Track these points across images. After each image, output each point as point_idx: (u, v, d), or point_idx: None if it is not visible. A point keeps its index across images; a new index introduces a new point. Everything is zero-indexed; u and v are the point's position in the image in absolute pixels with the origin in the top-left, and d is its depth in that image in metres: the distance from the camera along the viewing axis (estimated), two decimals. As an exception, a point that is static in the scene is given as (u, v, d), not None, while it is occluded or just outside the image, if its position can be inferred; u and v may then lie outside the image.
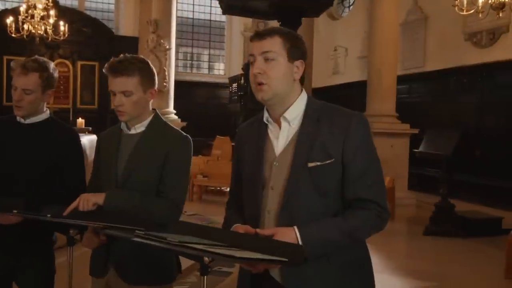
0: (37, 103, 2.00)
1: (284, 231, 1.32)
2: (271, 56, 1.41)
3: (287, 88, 1.45)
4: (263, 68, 1.42)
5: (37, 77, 1.97)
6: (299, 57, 1.45)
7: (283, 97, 1.45)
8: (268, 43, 1.42)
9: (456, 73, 8.99)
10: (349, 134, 1.40)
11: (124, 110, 1.75)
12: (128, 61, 1.74)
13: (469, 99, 8.72)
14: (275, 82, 1.41)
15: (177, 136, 1.83)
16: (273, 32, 1.44)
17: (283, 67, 1.42)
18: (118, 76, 1.72)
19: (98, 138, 1.95)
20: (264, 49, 1.42)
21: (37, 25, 9.32)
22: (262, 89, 1.42)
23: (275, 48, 1.41)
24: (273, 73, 1.41)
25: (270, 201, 1.44)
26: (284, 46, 1.42)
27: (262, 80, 1.42)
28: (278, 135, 1.47)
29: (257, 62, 1.43)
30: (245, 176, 1.53)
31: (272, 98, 1.44)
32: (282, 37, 1.43)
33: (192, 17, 14.78)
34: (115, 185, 1.77)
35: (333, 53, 13.27)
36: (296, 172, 1.40)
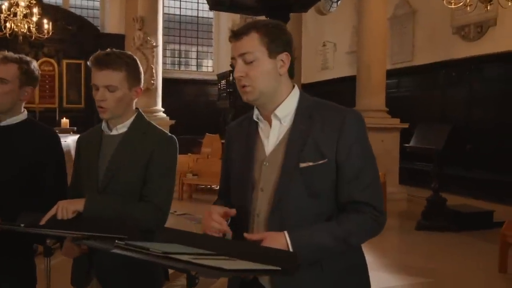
0: (12, 98, 1.88)
1: (274, 236, 1.24)
2: (249, 58, 1.33)
3: (274, 85, 1.37)
4: (244, 70, 1.34)
5: (16, 68, 1.88)
6: (282, 49, 1.36)
7: (271, 95, 1.37)
8: (244, 43, 1.33)
9: (445, 67, 8.98)
10: (343, 132, 1.32)
11: (106, 106, 1.65)
12: (116, 55, 1.66)
13: (458, 93, 8.72)
14: (259, 82, 1.33)
15: (161, 136, 1.74)
16: (249, 28, 1.34)
17: (265, 65, 1.34)
18: (103, 69, 1.62)
19: (78, 140, 1.85)
20: (241, 50, 1.33)
21: (20, 23, 9.14)
22: (246, 91, 1.35)
23: (252, 48, 1.33)
24: (254, 74, 1.33)
25: (259, 203, 1.36)
26: (262, 42, 1.33)
27: (245, 82, 1.34)
28: (268, 134, 1.39)
29: (237, 65, 1.35)
30: (233, 176, 1.45)
31: (259, 98, 1.36)
32: (259, 33, 1.33)
33: (179, 14, 14.63)
34: (96, 189, 1.68)
35: (322, 49, 13.20)
36: (287, 172, 1.32)
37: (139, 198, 1.69)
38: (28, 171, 1.86)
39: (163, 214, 1.69)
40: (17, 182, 1.85)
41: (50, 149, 1.95)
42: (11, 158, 1.86)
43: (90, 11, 13.46)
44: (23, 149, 1.88)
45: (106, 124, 1.76)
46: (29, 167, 1.86)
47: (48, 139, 1.97)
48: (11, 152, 1.87)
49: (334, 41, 12.90)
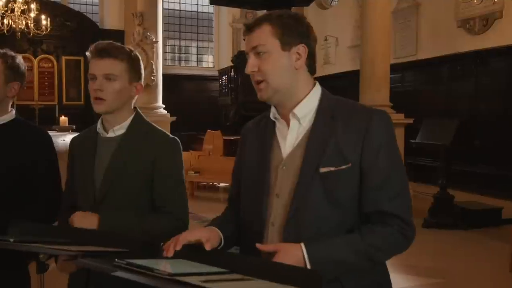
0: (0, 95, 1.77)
1: (289, 248, 1.12)
2: (261, 49, 1.23)
3: (290, 81, 1.25)
4: (255, 64, 1.24)
5: (0, 63, 1.77)
6: (298, 41, 1.25)
7: (288, 92, 1.26)
8: (256, 35, 1.24)
9: (449, 61, 8.84)
10: (369, 134, 1.20)
11: (103, 96, 1.51)
12: (118, 45, 1.56)
13: (463, 87, 8.58)
14: (272, 77, 1.23)
15: (164, 139, 1.61)
16: (261, 20, 1.25)
17: (278, 59, 1.23)
18: (104, 57, 1.51)
19: (71, 143, 1.71)
20: (253, 43, 1.24)
21: (18, 20, 9.00)
22: (260, 88, 1.24)
23: (264, 40, 1.23)
24: (266, 67, 1.23)
25: (274, 210, 1.24)
26: (275, 33, 1.23)
27: (258, 77, 1.24)
28: (286, 135, 1.28)
29: (249, 60, 1.25)
30: (247, 180, 1.34)
31: (273, 96, 1.25)
32: (271, 24, 1.24)
33: (179, 9, 14.45)
34: (93, 197, 1.54)
35: (324, 43, 13.05)
36: (305, 178, 1.20)
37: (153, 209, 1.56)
38: (18, 174, 1.75)
39: (184, 224, 1.56)
40: (7, 185, 1.73)
41: (43, 151, 1.82)
42: (3, 164, 1.73)
43: (89, 7, 13.29)
44: (13, 150, 1.76)
45: (101, 125, 1.62)
46: (20, 170, 1.75)
47: (39, 139, 1.84)
48: (2, 157, 1.74)
49: (336, 36, 12.75)
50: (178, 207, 1.56)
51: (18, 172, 1.75)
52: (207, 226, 1.28)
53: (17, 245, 1.17)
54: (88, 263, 1.02)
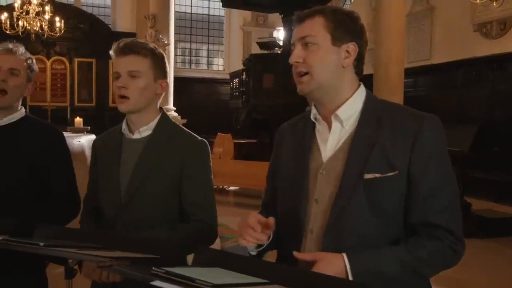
0: (20, 93, 1.75)
1: (330, 258, 1.06)
2: (309, 40, 1.17)
3: (335, 78, 1.19)
4: (301, 55, 1.17)
5: (24, 61, 1.75)
6: (349, 38, 1.18)
7: (331, 90, 1.19)
8: (307, 25, 1.18)
9: (464, 65, 8.73)
10: (419, 141, 1.13)
11: (127, 94, 1.45)
12: (142, 42, 1.51)
13: (478, 92, 8.46)
14: (317, 71, 1.16)
15: (192, 141, 1.54)
16: (315, 12, 1.19)
17: (326, 53, 1.17)
18: (127, 54, 1.46)
19: (94, 144, 1.66)
20: (302, 33, 1.18)
21: (33, 22, 9.05)
22: (302, 81, 1.18)
23: (315, 31, 1.17)
24: (313, 60, 1.16)
25: (313, 217, 1.18)
26: (327, 27, 1.17)
27: (301, 69, 1.17)
28: (327, 137, 1.21)
29: (295, 50, 1.18)
30: (283, 184, 1.27)
31: (315, 90, 1.18)
32: (325, 17, 1.18)
33: (190, 12, 14.47)
34: (118, 201, 1.48)
35: (335, 47, 12.99)
36: (348, 184, 1.13)
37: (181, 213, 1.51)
38: (31, 172, 1.70)
39: (214, 230, 1.51)
40: (20, 184, 1.69)
41: (56, 147, 1.78)
42: (14, 159, 1.70)
43: (102, 9, 13.35)
44: (26, 148, 1.72)
45: (127, 126, 1.56)
46: (32, 168, 1.70)
47: (52, 136, 1.80)
48: (14, 153, 1.70)
49: (348, 40, 12.67)
50: (207, 212, 1.51)
51: (30, 170, 1.70)
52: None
53: (47, 249, 1.12)
54: (124, 271, 0.96)
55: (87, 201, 1.64)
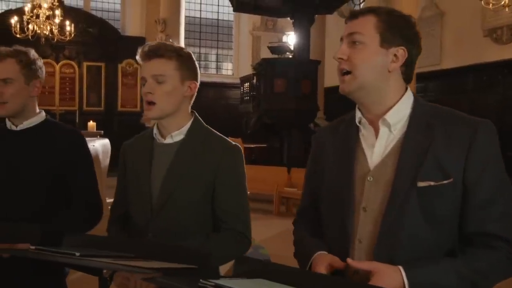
0: (22, 97, 1.67)
1: (386, 271, 1.03)
2: (357, 38, 1.14)
3: (379, 81, 1.16)
4: (346, 52, 1.15)
5: (14, 63, 1.65)
6: (400, 42, 1.15)
7: (374, 92, 1.16)
8: (357, 22, 1.15)
9: (475, 71, 8.69)
10: (474, 148, 1.10)
11: (154, 100, 1.41)
12: (166, 44, 1.47)
13: (488, 98, 8.42)
14: (361, 70, 1.13)
15: (226, 146, 1.50)
16: (369, 10, 1.17)
17: (373, 54, 1.14)
18: (152, 58, 1.42)
19: (122, 149, 1.61)
20: (351, 30, 1.15)
21: (43, 25, 9.08)
22: (344, 80, 1.15)
23: (364, 29, 1.14)
24: (357, 59, 1.13)
25: (361, 226, 1.14)
26: (378, 27, 1.14)
27: (344, 66, 1.14)
28: (373, 143, 1.18)
29: (341, 46, 1.16)
30: (327, 192, 1.23)
31: (357, 91, 1.15)
32: (377, 17, 1.15)
33: (199, 17, 14.50)
34: (150, 208, 1.44)
35: (344, 52, 12.96)
36: (400, 192, 1.10)
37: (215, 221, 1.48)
38: (53, 178, 1.67)
39: (248, 239, 1.47)
40: (42, 190, 1.66)
41: (78, 152, 1.74)
42: (34, 166, 1.66)
43: (111, 14, 13.40)
44: (47, 153, 1.67)
45: (158, 131, 1.51)
46: (54, 174, 1.67)
47: (74, 140, 1.75)
48: (33, 159, 1.67)
49: (356, 44, 12.65)
50: (241, 221, 1.47)
51: (52, 177, 1.67)
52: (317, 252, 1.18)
53: (83, 260, 1.08)
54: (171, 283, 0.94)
55: (115, 208, 1.60)
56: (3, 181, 1.65)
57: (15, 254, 1.35)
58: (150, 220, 1.44)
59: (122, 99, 12.45)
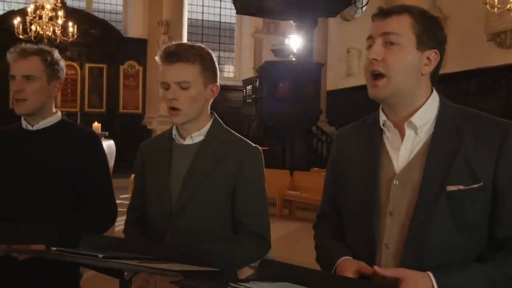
0: (42, 96, 1.66)
1: (415, 277, 1.00)
2: (394, 39, 1.10)
3: (412, 85, 1.12)
4: (381, 53, 1.10)
5: (39, 61, 1.65)
6: (433, 45, 1.12)
7: (406, 96, 1.13)
8: (393, 22, 1.11)
9: (478, 75, 8.68)
10: (505, 151, 1.07)
11: (179, 106, 1.39)
12: (188, 46, 1.43)
13: (492, 102, 8.39)
14: (396, 73, 1.09)
15: (246, 147, 1.48)
16: (402, 9, 1.12)
17: (409, 56, 1.10)
18: (175, 62, 1.39)
19: (141, 149, 1.58)
20: (386, 29, 1.11)
21: (45, 26, 9.07)
22: (377, 85, 1.10)
23: (401, 30, 1.10)
24: (394, 61, 1.09)
25: (388, 230, 1.11)
26: (414, 28, 1.10)
27: (378, 68, 1.10)
28: (399, 146, 1.15)
29: (375, 45, 1.11)
30: (350, 196, 1.20)
31: (391, 96, 1.12)
32: (413, 17, 1.11)
33: (201, 19, 14.50)
34: (169, 210, 1.42)
35: (346, 55, 12.95)
36: (428, 196, 1.07)
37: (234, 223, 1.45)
38: (69, 178, 1.65)
39: (267, 242, 1.45)
40: (57, 191, 1.64)
41: (95, 154, 1.73)
42: (50, 166, 1.64)
43: (113, 15, 13.39)
44: (63, 153, 1.66)
45: (177, 131, 1.50)
46: (70, 174, 1.65)
47: (91, 141, 1.74)
48: (49, 159, 1.65)
49: (358, 48, 12.64)
50: (261, 223, 1.45)
51: (68, 178, 1.65)
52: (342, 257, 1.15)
53: (107, 262, 1.05)
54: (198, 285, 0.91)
55: (132, 210, 1.58)
56: (19, 182, 1.64)
57: (36, 255, 1.32)
58: (169, 221, 1.42)
59: (123, 101, 12.42)
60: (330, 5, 8.30)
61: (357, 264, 1.09)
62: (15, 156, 1.66)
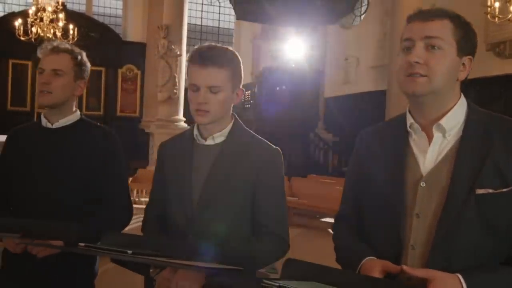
0: (67, 92, 1.70)
1: (444, 278, 1.00)
2: (437, 43, 1.11)
3: (447, 89, 1.14)
4: (423, 56, 1.11)
5: (69, 58, 1.70)
6: (469, 51, 1.15)
7: (440, 99, 1.15)
8: (435, 26, 1.12)
9: (477, 84, 8.73)
10: None
11: (208, 109, 1.40)
12: (222, 50, 1.43)
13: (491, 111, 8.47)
14: (437, 77, 1.11)
15: (267, 149, 1.49)
16: (443, 14, 1.14)
17: (450, 62, 1.12)
18: (208, 66, 1.38)
19: (160, 149, 1.60)
20: (429, 33, 1.12)
21: (46, 28, 9.07)
22: (417, 81, 1.11)
23: (443, 35, 1.12)
24: (436, 64, 1.10)
25: (414, 232, 1.12)
26: (455, 34, 1.12)
27: (420, 71, 1.10)
28: (425, 148, 1.16)
29: (416, 49, 1.12)
30: (375, 197, 1.20)
31: (427, 95, 1.13)
32: (453, 23, 1.13)
33: (200, 24, 14.54)
34: (190, 211, 1.43)
35: (344, 63, 13.02)
36: (457, 199, 1.08)
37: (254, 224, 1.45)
38: (88, 177, 1.67)
39: (286, 243, 1.46)
40: (79, 188, 1.66)
41: (114, 153, 1.75)
42: (69, 164, 1.66)
43: (113, 19, 13.41)
44: (82, 151, 1.69)
45: (198, 132, 1.51)
46: (89, 172, 1.67)
47: (110, 140, 1.76)
48: (72, 160, 1.67)
49: (356, 56, 12.71)
50: (280, 224, 1.46)
51: (87, 175, 1.67)
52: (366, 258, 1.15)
53: (137, 258, 1.06)
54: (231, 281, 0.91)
55: (151, 208, 1.58)
56: (39, 179, 1.65)
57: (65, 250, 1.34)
58: (190, 221, 1.43)
59: (121, 104, 12.42)
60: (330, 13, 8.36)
61: (382, 263, 1.10)
62: (34, 154, 1.68)
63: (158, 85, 10.06)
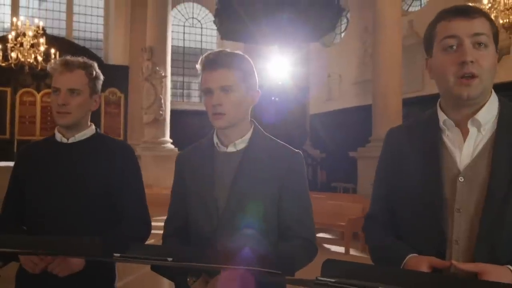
0: (85, 109, 1.66)
1: (494, 271, 1.00)
2: (484, 40, 1.11)
3: (490, 86, 1.15)
4: (474, 55, 1.09)
5: (84, 75, 1.64)
6: (497, 48, 1.16)
7: (484, 96, 1.15)
8: (480, 24, 1.12)
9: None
10: None
11: (223, 111, 1.38)
12: (228, 53, 1.43)
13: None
14: (487, 75, 1.11)
15: (290, 153, 1.46)
16: (480, 12, 1.14)
17: (494, 57, 1.13)
18: (217, 68, 1.38)
19: (179, 160, 1.55)
20: (477, 30, 1.11)
21: (27, 53, 8.98)
22: (472, 85, 1.10)
23: (488, 31, 1.12)
24: (486, 63, 1.10)
25: (456, 227, 1.11)
26: (491, 30, 1.13)
27: (473, 70, 1.09)
28: (460, 144, 1.15)
29: (466, 47, 1.10)
30: (411, 195, 1.19)
31: (478, 96, 1.12)
32: (489, 21, 1.14)
33: (183, 46, 14.60)
34: (216, 219, 1.39)
35: (327, 80, 13.20)
36: (498, 192, 1.08)
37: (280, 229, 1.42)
38: (106, 190, 1.63)
39: (314, 245, 1.43)
40: (97, 202, 1.61)
41: (130, 166, 1.71)
42: (86, 179, 1.62)
43: (94, 43, 13.36)
44: (99, 166, 1.64)
45: (218, 139, 1.47)
46: (107, 185, 1.63)
47: (126, 154, 1.72)
48: (85, 172, 1.63)
49: (339, 73, 12.90)
50: (307, 228, 1.43)
51: (104, 190, 1.64)
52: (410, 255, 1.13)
53: (179, 264, 1.02)
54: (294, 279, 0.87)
55: (172, 220, 1.53)
56: (57, 195, 1.60)
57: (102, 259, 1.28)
58: (216, 230, 1.39)
59: (105, 127, 12.28)
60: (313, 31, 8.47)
61: (428, 259, 1.08)
62: (50, 170, 1.63)
63: (143, 107, 10.00)
